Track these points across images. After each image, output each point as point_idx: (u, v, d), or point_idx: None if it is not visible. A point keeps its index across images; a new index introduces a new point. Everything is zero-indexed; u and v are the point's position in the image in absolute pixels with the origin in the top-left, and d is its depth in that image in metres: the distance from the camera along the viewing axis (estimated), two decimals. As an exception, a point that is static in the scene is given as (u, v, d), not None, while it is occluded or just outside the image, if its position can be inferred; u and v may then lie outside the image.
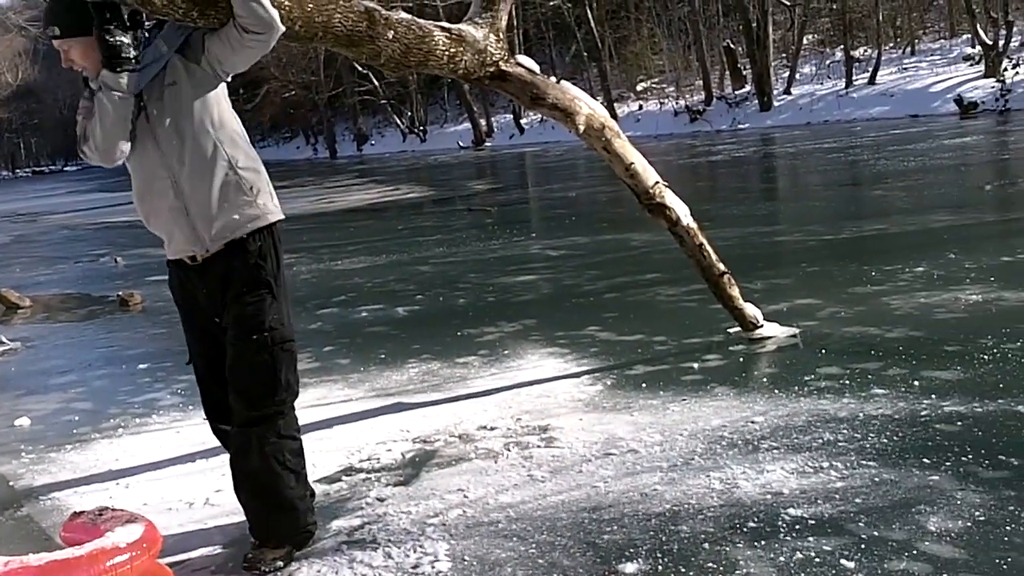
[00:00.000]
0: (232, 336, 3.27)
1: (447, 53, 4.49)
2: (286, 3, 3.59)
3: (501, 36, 4.78)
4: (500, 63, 4.73)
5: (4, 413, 5.87)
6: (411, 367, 5.93)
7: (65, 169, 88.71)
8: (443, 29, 4.51)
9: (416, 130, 53.09)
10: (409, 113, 54.48)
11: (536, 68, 4.88)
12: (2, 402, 6.29)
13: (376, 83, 51.79)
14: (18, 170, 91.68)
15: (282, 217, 3.39)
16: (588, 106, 5.05)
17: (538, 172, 26.53)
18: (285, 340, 3.30)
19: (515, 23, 37.45)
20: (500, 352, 6.09)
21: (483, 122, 47.99)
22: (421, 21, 4.44)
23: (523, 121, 46.43)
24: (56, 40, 3.14)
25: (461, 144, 46.45)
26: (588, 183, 20.21)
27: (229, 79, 3.30)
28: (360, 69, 51.29)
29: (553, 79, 5.01)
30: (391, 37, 4.20)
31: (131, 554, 2.86)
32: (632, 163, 5.17)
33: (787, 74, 38.59)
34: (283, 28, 3.22)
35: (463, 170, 30.67)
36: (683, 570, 2.99)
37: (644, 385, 5.02)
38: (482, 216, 14.92)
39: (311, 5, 3.75)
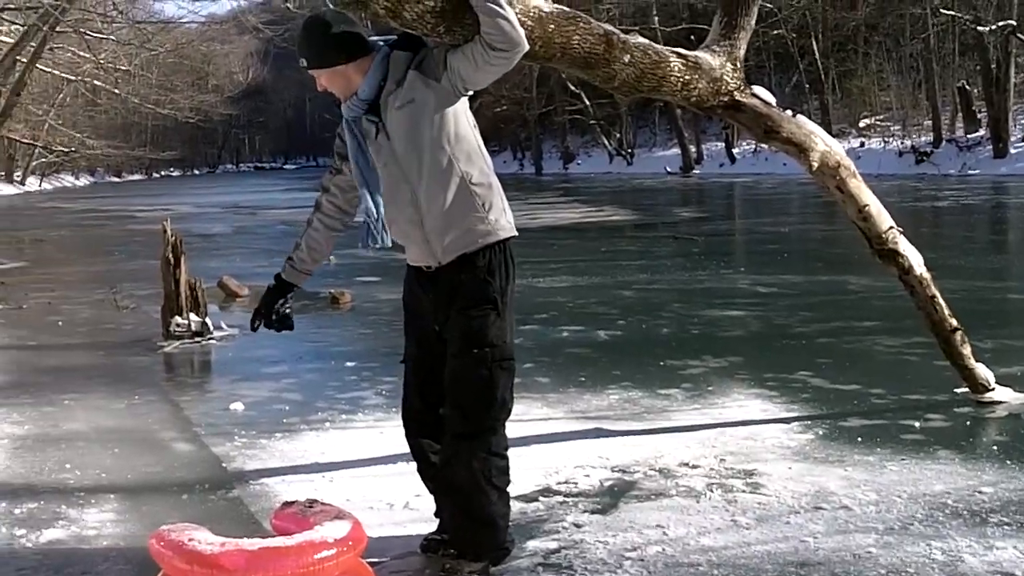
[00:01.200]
0: (454, 349, 3.29)
1: (681, 80, 4.41)
2: (528, 23, 3.61)
3: (738, 65, 4.67)
4: (735, 93, 4.62)
5: (220, 396, 6.17)
6: (611, 393, 5.87)
7: (285, 167, 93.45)
8: (679, 55, 4.44)
9: (624, 152, 53.01)
10: (618, 135, 54.47)
11: (772, 100, 4.74)
12: (219, 386, 6.62)
13: (587, 103, 52.07)
14: (241, 164, 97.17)
15: (514, 234, 3.39)
16: (824, 142, 4.86)
17: (748, 204, 26.01)
18: (505, 358, 3.30)
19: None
20: (704, 387, 5.94)
21: (693, 148, 47.45)
22: (657, 47, 4.39)
23: (735, 150, 45.64)
24: (306, 70, 3.37)
25: (668, 169, 46.08)
26: (802, 219, 19.66)
27: (469, 94, 3.33)
28: (572, 88, 51.71)
29: (788, 112, 4.85)
30: (627, 61, 4.16)
31: (337, 550, 2.91)
32: (867, 205, 4.94)
33: (1027, 119, 36.37)
34: (527, 47, 3.23)
35: (669, 196, 30.43)
36: (898, 644, 2.80)
37: (859, 439, 4.77)
38: (688, 245, 14.71)
39: (552, 26, 3.76)
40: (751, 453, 4.62)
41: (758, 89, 4.81)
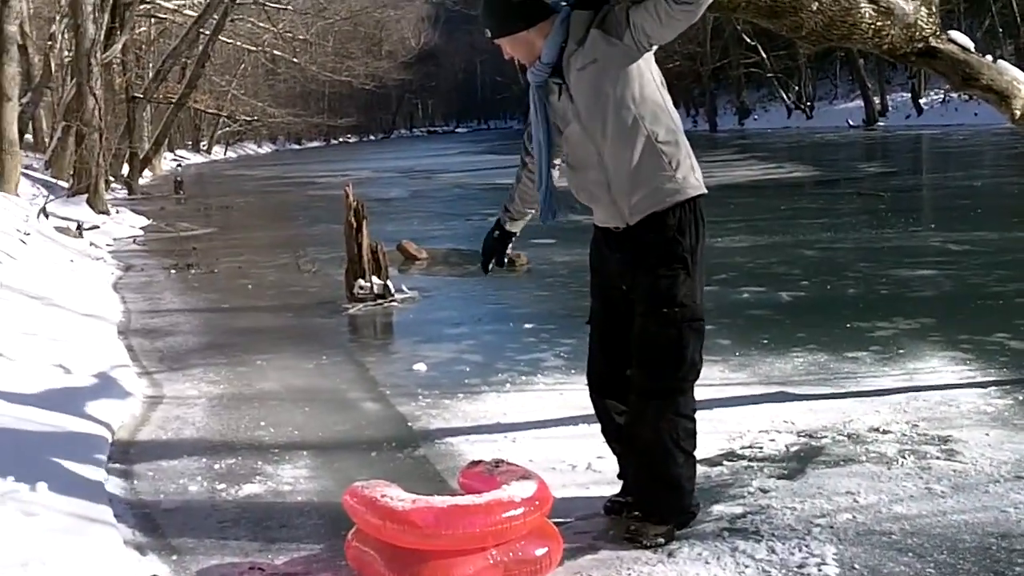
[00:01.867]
0: (641, 308, 3.27)
1: (872, 27, 4.22)
2: (712, -26, 3.51)
3: (933, 9, 4.42)
4: (931, 39, 4.38)
5: (404, 357, 6.33)
6: (796, 356, 5.72)
7: (457, 130, 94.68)
8: (870, 1, 4.24)
9: (803, 106, 51.33)
10: (796, 88, 52.77)
11: (971, 45, 4.48)
12: (402, 347, 6.80)
13: (764, 55, 50.59)
14: (415, 129, 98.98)
15: (704, 192, 3.32)
16: (1027, 89, 4.57)
17: (937, 157, 24.80)
18: (695, 318, 3.26)
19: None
20: (894, 350, 5.72)
21: (876, 100, 45.50)
22: (848, -8, 4.19)
23: (922, 101, 43.52)
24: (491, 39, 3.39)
25: (851, 123, 44.37)
26: (995, 172, 18.62)
27: (654, 49, 3.26)
28: (748, 40, 50.31)
29: (988, 58, 4.58)
30: (815, 9, 4.01)
31: (525, 509, 2.95)
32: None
33: None
34: None
35: (852, 150, 29.32)
36: (1114, 623, 2.64)
37: (1064, 405, 4.51)
38: (873, 201, 14.15)
39: (737, -24, 3.65)
40: (946, 418, 4.43)
41: (954, 34, 4.55)
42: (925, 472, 3.79)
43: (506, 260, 3.78)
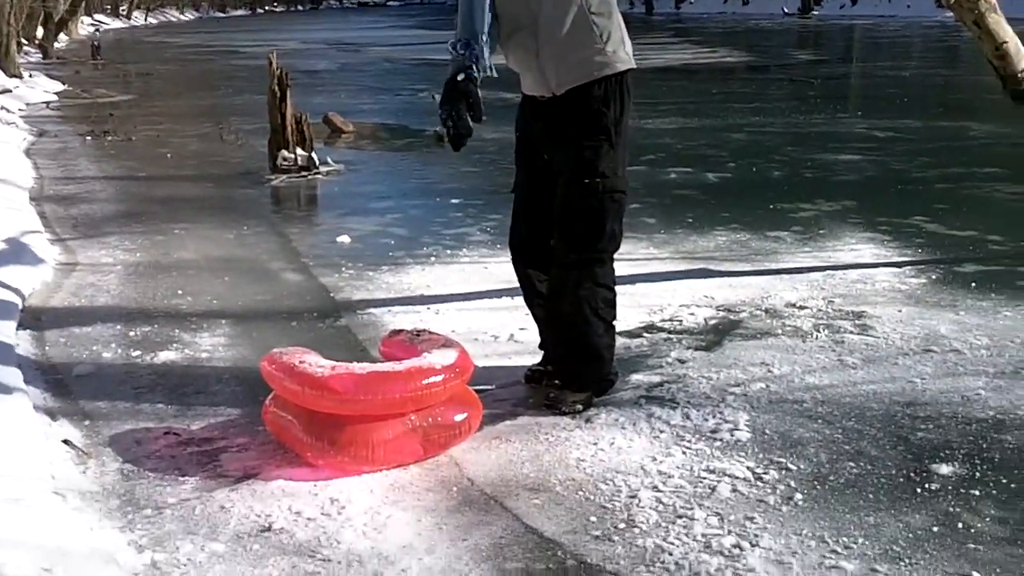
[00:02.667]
0: (564, 179, 3.25)
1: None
2: None
3: None
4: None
5: (327, 229, 6.25)
6: (719, 235, 5.77)
7: (388, 4, 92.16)
8: None
9: (739, -8, 50.90)
10: (734, -27, 52.22)
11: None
12: (326, 219, 6.71)
13: (703, -61, 49.88)
14: (345, 1, 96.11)
15: (632, 66, 3.27)
16: (961, -29, 4.55)
17: (868, 47, 24.87)
18: (616, 190, 3.25)
19: None
20: (815, 231, 5.80)
21: (812, -12, 45.29)
22: None
23: (856, -9, 43.46)
24: None
25: (786, 10, 44.13)
26: (924, 63, 18.76)
27: None
28: (688, -76, 49.45)
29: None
30: None
31: (444, 376, 2.95)
32: (1005, 42, 4.66)
33: None
34: None
35: (786, 37, 29.27)
36: (1004, 481, 2.75)
37: (973, 284, 4.63)
38: (804, 88, 14.19)
39: None
40: (861, 296, 4.52)
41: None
42: (838, 345, 3.88)
43: (435, 133, 3.70)
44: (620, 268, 4.89)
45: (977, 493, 2.69)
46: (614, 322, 3.40)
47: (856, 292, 4.58)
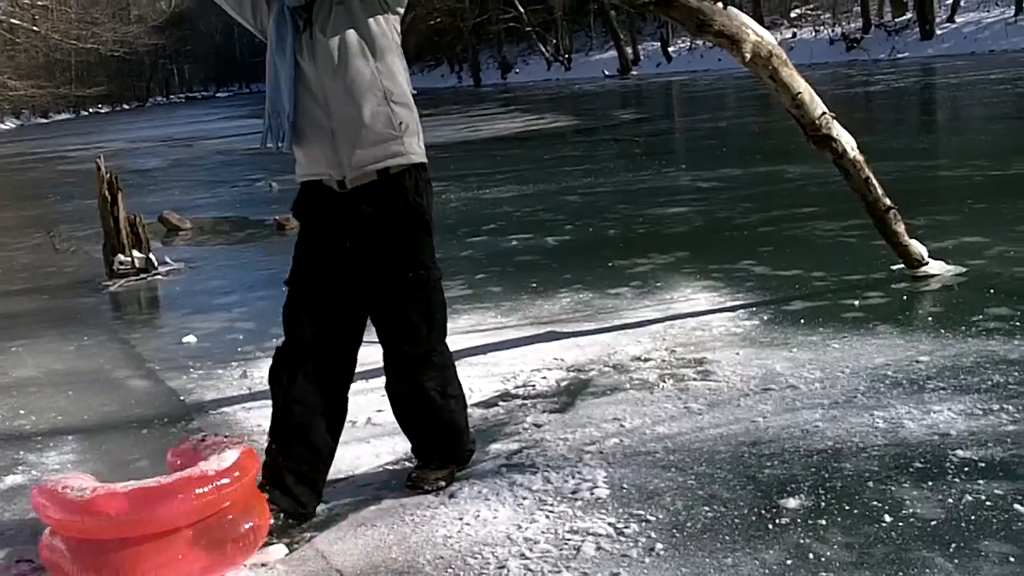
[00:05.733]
0: (388, 274, 3.21)
1: (611, -23, 4.39)
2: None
3: (665, -40, 4.64)
4: (665, -13, 4.61)
5: (172, 330, 6.15)
6: (563, 297, 5.94)
7: (217, 95, 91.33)
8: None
9: (561, 58, 52.48)
10: (554, 41, 53.86)
11: (702, -7, 4.74)
12: (170, 320, 6.59)
13: (521, 10, 51.39)
14: (172, 96, 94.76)
15: (425, 161, 3.30)
16: (755, 33, 4.89)
17: (686, 101, 26.00)
18: (438, 279, 3.30)
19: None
20: (652, 284, 6.04)
21: (629, 50, 47.11)
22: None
23: (671, 49, 45.42)
24: None
25: (607, 73, 45.76)
26: (738, 113, 19.72)
27: (400, 11, 3.24)
28: (505, -4, 50.94)
29: (720, 4, 4.86)
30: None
31: (218, 483, 2.79)
32: (799, 93, 4.99)
33: (951, 1, 36.53)
34: None
35: (609, 99, 30.29)
36: (847, 508, 2.92)
37: (803, 321, 4.91)
38: (629, 146, 14.73)
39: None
40: (700, 342, 4.73)
41: (687, -18, 4.79)
42: (683, 393, 4.05)
43: (276, 222, 3.65)
44: (470, 339, 5.08)
45: (824, 522, 2.85)
46: (461, 391, 3.46)
47: (695, 339, 4.79)
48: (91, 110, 74.03)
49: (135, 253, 7.91)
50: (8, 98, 49.45)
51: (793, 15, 43.59)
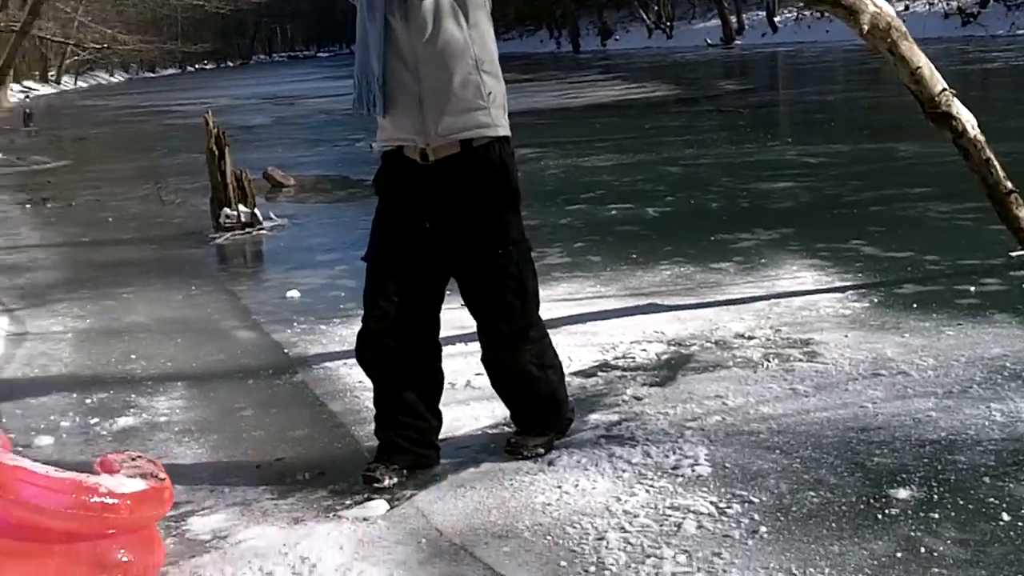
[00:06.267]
0: (477, 251, 3.18)
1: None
2: None
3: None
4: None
5: (276, 285, 6.26)
6: (664, 269, 5.87)
7: (318, 55, 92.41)
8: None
9: (662, 25, 51.78)
10: (656, 8, 53.17)
11: (823, -39, 4.59)
12: (274, 275, 6.71)
13: (625, -25, 50.81)
14: (274, 54, 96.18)
15: (509, 134, 3.23)
16: (874, 3, 4.71)
17: (792, 73, 25.45)
18: (529, 250, 3.27)
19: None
20: (757, 260, 5.93)
21: (733, 19, 46.23)
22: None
23: (777, 19, 44.44)
24: None
25: (709, 42, 45.00)
26: (847, 87, 19.24)
27: None
28: (610, -39, 50.36)
29: (838, -26, 4.70)
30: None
31: (104, 500, 2.46)
32: (919, 67, 4.81)
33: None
34: None
35: (711, 69, 29.82)
36: (961, 503, 2.83)
37: (915, 305, 4.76)
38: (733, 117, 14.48)
39: None
40: (806, 323, 4.63)
41: (806, -49, 4.65)
42: (789, 374, 3.96)
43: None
44: (569, 307, 5.06)
45: (936, 516, 2.76)
46: (558, 361, 3.43)
47: (801, 319, 4.69)
48: (196, 66, 75.68)
49: (241, 208, 8.06)
50: (117, 52, 50.55)
51: (907, -13, 42.18)
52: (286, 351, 4.83)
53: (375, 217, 3.33)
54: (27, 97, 33.24)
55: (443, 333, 4.68)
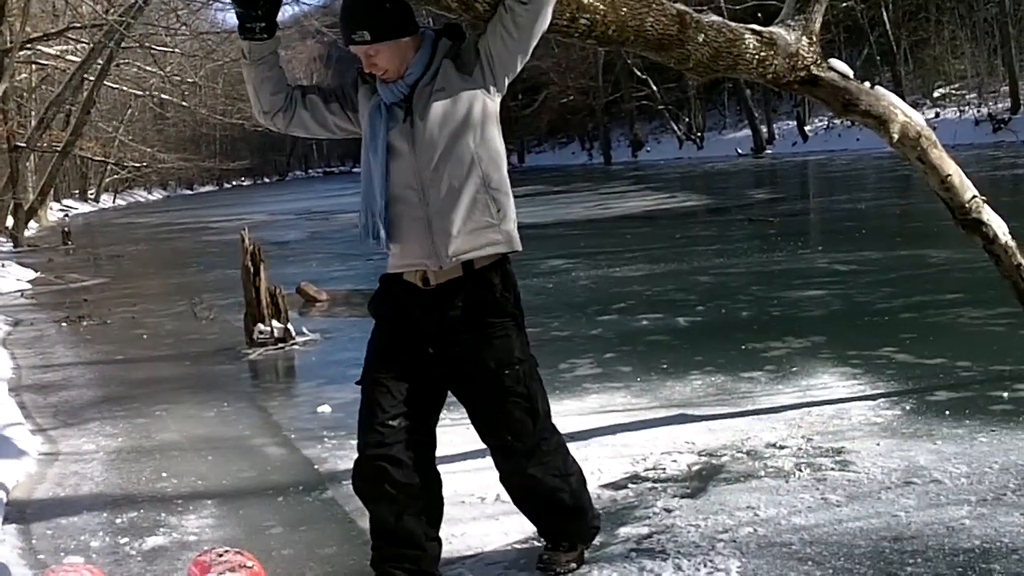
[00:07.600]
0: (483, 374, 3.15)
1: (756, 57, 4.38)
2: (600, 7, 3.65)
3: (814, 39, 4.61)
4: (812, 67, 4.56)
5: (307, 400, 6.29)
6: (694, 378, 5.86)
7: (353, 170, 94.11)
8: (754, 32, 4.41)
9: (693, 136, 52.51)
10: (687, 119, 54.00)
11: (850, 72, 4.68)
12: (305, 390, 6.75)
13: (654, 88, 51.72)
14: (311, 170, 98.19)
15: (519, 248, 3.19)
16: (904, 113, 4.79)
17: (823, 181, 25.60)
18: (534, 368, 3.23)
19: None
20: (788, 368, 5.90)
21: (764, 128, 46.84)
22: (731, 24, 4.36)
23: (807, 128, 44.95)
24: (364, 45, 3.07)
25: (740, 151, 45.53)
26: (878, 195, 19.31)
27: (502, 90, 3.18)
28: (639, 74, 51.39)
29: (867, 84, 4.79)
30: (701, 41, 4.14)
31: None
32: (949, 175, 4.86)
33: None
34: None
35: (742, 178, 30.09)
36: (999, 614, 2.77)
37: (947, 412, 4.72)
38: (764, 226, 14.54)
39: (625, 9, 3.78)
40: (838, 431, 4.59)
41: (835, 62, 4.74)
42: (820, 483, 3.92)
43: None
44: (600, 419, 5.06)
45: (971, 625, 2.71)
46: (580, 470, 3.40)
47: (833, 428, 4.65)
48: (234, 183, 77.43)
49: (274, 323, 8.16)
50: (157, 170, 51.94)
51: (936, 95, 42.61)
52: (316, 467, 4.83)
53: (371, 341, 3.29)
54: (66, 215, 34.09)
55: (467, 448, 4.76)
